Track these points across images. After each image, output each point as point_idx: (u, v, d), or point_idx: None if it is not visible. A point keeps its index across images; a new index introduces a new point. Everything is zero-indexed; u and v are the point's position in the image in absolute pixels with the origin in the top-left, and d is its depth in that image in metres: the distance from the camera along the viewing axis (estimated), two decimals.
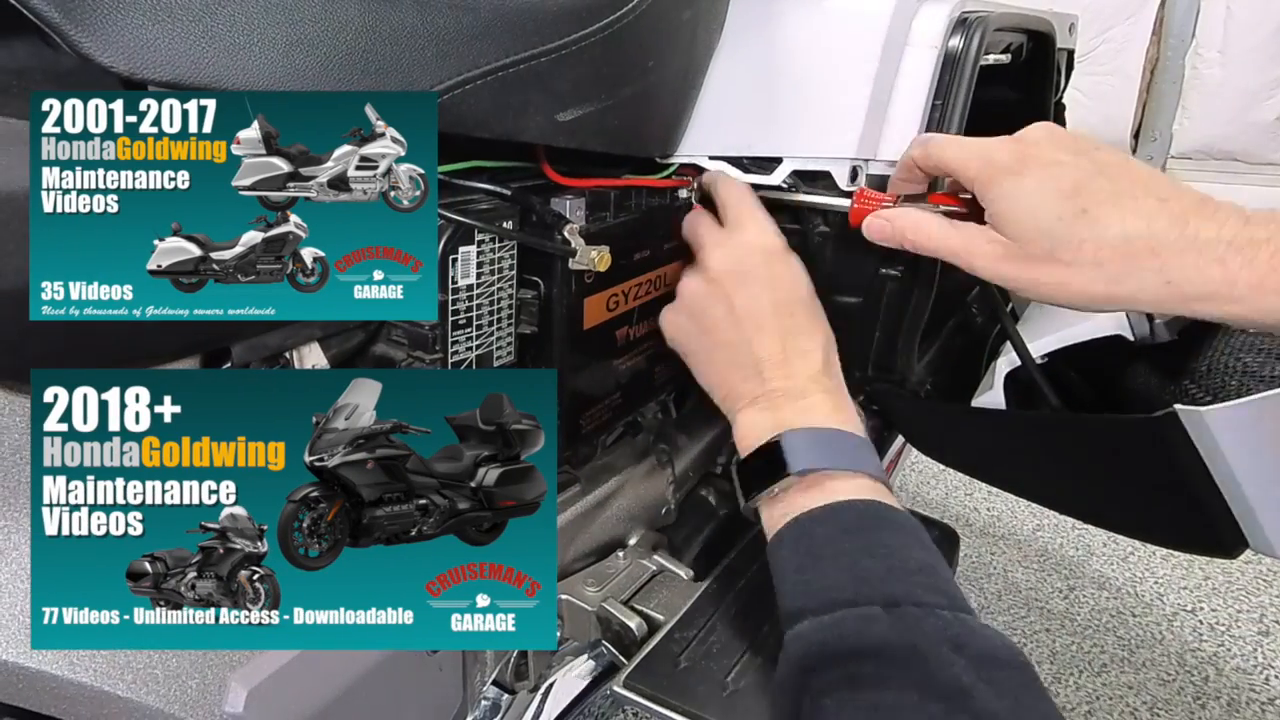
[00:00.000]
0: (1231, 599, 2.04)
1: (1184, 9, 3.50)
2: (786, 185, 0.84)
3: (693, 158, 0.87)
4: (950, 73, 0.81)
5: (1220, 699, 1.75)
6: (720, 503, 1.16)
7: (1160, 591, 2.08)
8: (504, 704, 0.80)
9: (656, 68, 0.72)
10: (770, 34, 0.84)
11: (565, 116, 0.65)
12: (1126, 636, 1.93)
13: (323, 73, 0.49)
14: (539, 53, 0.60)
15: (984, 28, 0.82)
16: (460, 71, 0.56)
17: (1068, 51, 1.24)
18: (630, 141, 0.76)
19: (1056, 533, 2.31)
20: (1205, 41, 3.47)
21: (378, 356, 0.65)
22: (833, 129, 0.80)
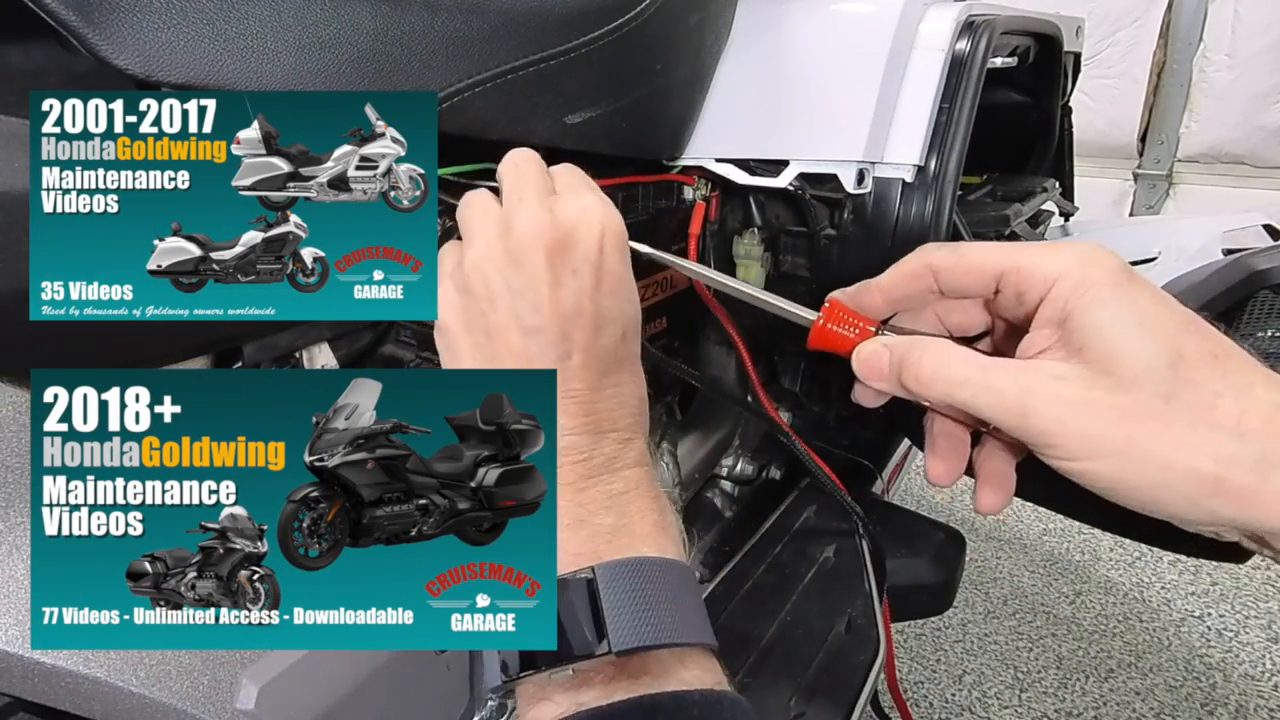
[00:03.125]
0: (1240, 605, 2.03)
1: (1191, 12, 3.49)
2: (794, 187, 0.84)
3: (700, 160, 0.87)
4: (957, 76, 0.81)
5: (1228, 705, 1.74)
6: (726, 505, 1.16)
7: (1168, 597, 2.07)
8: (510, 705, 0.80)
9: (664, 71, 0.72)
10: (777, 37, 0.84)
11: (574, 119, 0.65)
12: (1133, 642, 1.92)
13: (334, 75, 0.49)
14: (547, 56, 0.60)
15: (991, 31, 0.82)
16: (470, 74, 0.56)
17: (1074, 54, 1.24)
18: (638, 144, 0.76)
19: (1063, 537, 2.30)
20: (1213, 45, 3.46)
21: (386, 357, 0.66)
22: (840, 131, 0.81)
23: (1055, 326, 0.41)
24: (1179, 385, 0.38)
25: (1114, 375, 0.39)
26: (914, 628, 2.00)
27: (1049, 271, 0.41)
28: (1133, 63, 3.59)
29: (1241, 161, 3.51)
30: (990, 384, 0.41)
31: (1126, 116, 3.66)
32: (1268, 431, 0.37)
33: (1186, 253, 1.03)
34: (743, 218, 0.96)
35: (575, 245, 0.47)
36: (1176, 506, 0.39)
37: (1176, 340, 0.39)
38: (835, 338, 0.50)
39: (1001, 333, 0.49)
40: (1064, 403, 0.39)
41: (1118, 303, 0.40)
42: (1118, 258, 0.41)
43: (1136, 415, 0.38)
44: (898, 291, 0.49)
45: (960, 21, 0.82)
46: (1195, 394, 0.38)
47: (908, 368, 0.45)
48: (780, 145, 0.84)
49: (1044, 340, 0.42)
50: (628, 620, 0.42)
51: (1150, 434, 0.38)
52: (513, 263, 0.47)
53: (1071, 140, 1.32)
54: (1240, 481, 0.37)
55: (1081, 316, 0.40)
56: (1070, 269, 0.41)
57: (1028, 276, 0.42)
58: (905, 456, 1.36)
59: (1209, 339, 0.39)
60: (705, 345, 1.02)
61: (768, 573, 0.98)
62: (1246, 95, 3.39)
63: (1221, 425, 0.37)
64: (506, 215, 0.48)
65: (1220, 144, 3.52)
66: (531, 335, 0.47)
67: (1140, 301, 0.40)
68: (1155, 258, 1.07)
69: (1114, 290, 0.40)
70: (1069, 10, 1.23)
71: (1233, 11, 3.38)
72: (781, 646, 0.88)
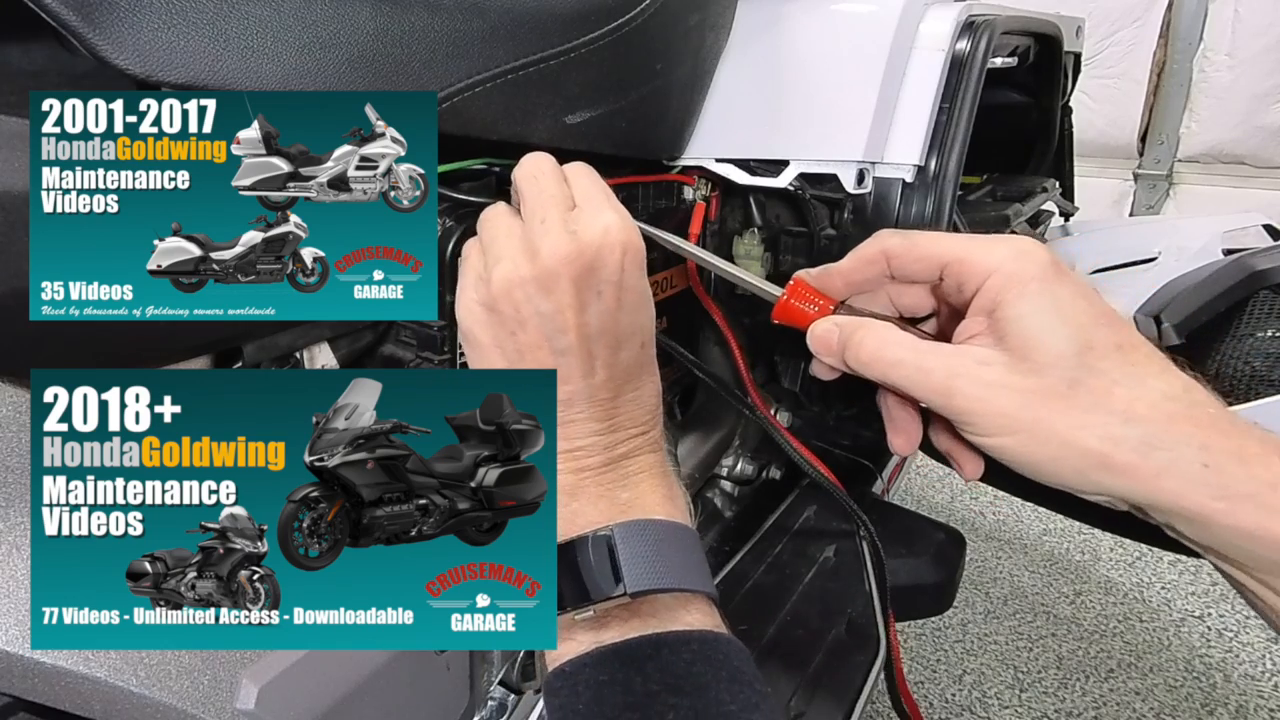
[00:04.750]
0: (1240, 605, 2.03)
1: (1192, 12, 3.49)
2: (794, 187, 0.84)
3: (700, 160, 0.87)
4: (957, 76, 0.81)
5: (1228, 705, 1.74)
6: (726, 505, 1.16)
7: (1168, 597, 2.07)
8: (510, 704, 0.80)
9: (664, 71, 0.72)
10: (777, 37, 0.84)
11: (574, 119, 0.65)
12: (1134, 642, 1.92)
13: (335, 75, 0.49)
14: (548, 56, 0.60)
15: (991, 31, 0.82)
16: (470, 74, 0.56)
17: (1074, 54, 1.24)
18: (638, 144, 0.76)
19: (1063, 537, 2.30)
20: (1213, 45, 3.46)
21: (386, 357, 0.66)
22: (840, 132, 0.81)
23: (986, 315, 0.46)
24: (1084, 372, 0.43)
25: (1029, 361, 0.44)
26: (914, 628, 2.00)
27: (986, 265, 0.46)
28: (1133, 63, 3.59)
29: (1242, 161, 3.51)
30: (921, 365, 0.46)
31: (1127, 116, 3.66)
32: (1153, 417, 0.42)
33: (1186, 253, 1.03)
34: (743, 218, 0.96)
35: (599, 269, 0.50)
36: (1068, 478, 0.44)
37: (1087, 332, 0.43)
38: (796, 312, 0.54)
39: (945, 316, 0.53)
40: (984, 384, 0.44)
41: (1039, 296, 0.44)
42: (1050, 254, 0.45)
43: (1043, 397, 0.43)
44: (856, 275, 0.53)
45: (960, 21, 0.82)
46: (1097, 380, 0.43)
47: (851, 347, 0.49)
48: (780, 145, 0.84)
49: (976, 327, 0.47)
50: (640, 568, 0.47)
51: (1053, 414, 0.43)
52: (541, 289, 0.49)
53: (1071, 140, 1.32)
54: (1124, 459, 0.42)
55: (1006, 308, 0.45)
56: (1004, 263, 0.45)
57: (969, 269, 0.47)
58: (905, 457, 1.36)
59: (1119, 332, 0.44)
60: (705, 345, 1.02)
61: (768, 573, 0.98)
62: (1247, 95, 3.39)
63: (1114, 409, 0.42)
64: (530, 238, 0.50)
65: (1220, 144, 3.51)
66: (561, 355, 0.50)
67: (1061, 295, 0.44)
68: (1155, 258, 1.07)
69: (1039, 284, 0.44)
70: (1069, 10, 1.23)
71: (1233, 11, 3.38)
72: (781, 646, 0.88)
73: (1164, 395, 0.43)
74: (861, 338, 0.49)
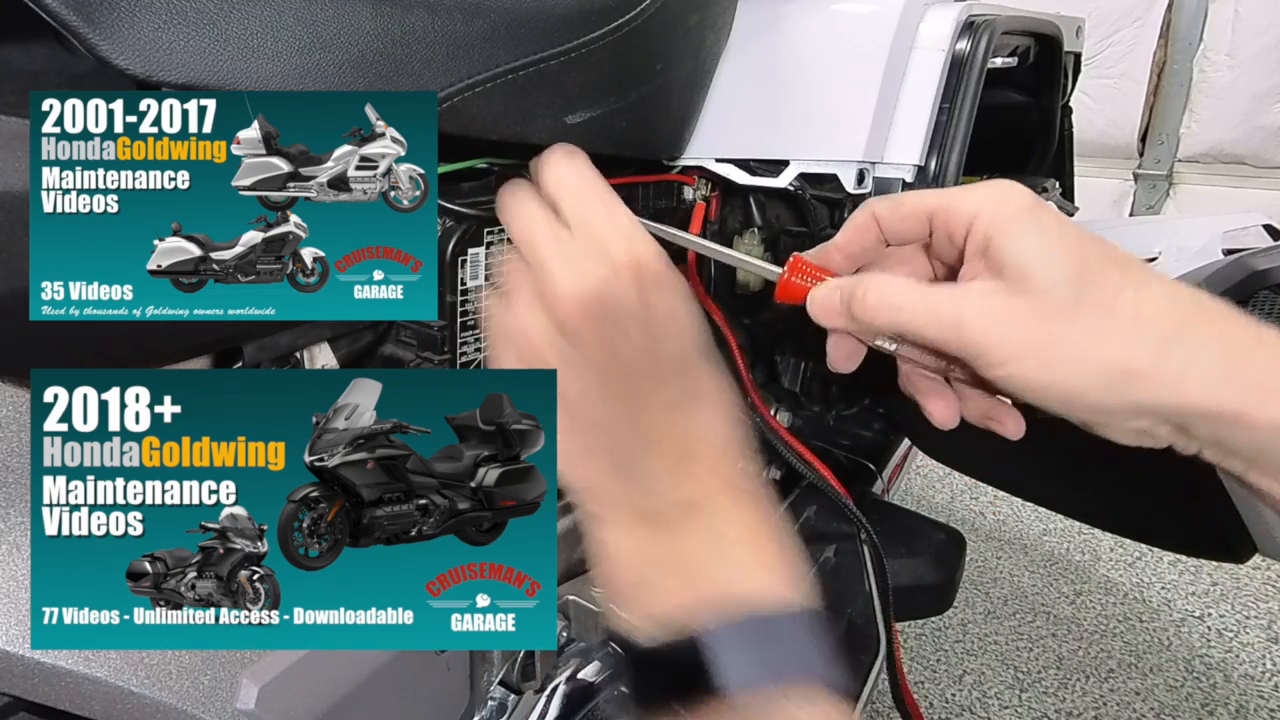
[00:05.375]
0: (1240, 605, 2.03)
1: (1192, 12, 3.49)
2: (794, 187, 0.84)
3: (700, 160, 0.87)
4: (957, 76, 0.81)
5: (1228, 705, 1.74)
6: None
7: (1168, 597, 2.07)
8: (510, 704, 0.80)
9: (665, 71, 0.72)
10: (777, 37, 0.84)
11: (574, 119, 0.65)
12: (1134, 642, 1.92)
13: (335, 75, 0.49)
14: (548, 55, 0.60)
15: (991, 31, 0.82)
16: (470, 74, 0.56)
17: (1075, 54, 1.24)
18: (638, 144, 0.76)
19: (1063, 537, 2.30)
20: (1213, 45, 3.46)
21: (386, 357, 0.66)
22: (840, 131, 0.81)
23: (980, 256, 0.47)
24: (1085, 285, 0.43)
25: (1029, 283, 0.44)
26: (914, 628, 2.00)
27: (969, 208, 0.47)
28: (1133, 63, 3.59)
29: (1242, 161, 3.51)
30: (928, 305, 0.46)
31: (1127, 116, 3.66)
32: (1164, 316, 0.43)
33: (1186, 253, 1.03)
34: (743, 218, 0.96)
35: (616, 308, 0.46)
36: (1096, 396, 0.44)
37: (1081, 251, 0.44)
38: (797, 289, 0.53)
39: (943, 278, 0.53)
40: (991, 312, 0.44)
41: (1027, 226, 0.45)
42: (1028, 191, 0.46)
43: (1052, 315, 0.43)
44: (852, 246, 0.53)
45: (960, 22, 0.82)
46: (1100, 292, 0.43)
47: (855, 301, 0.49)
48: (780, 145, 0.84)
49: (973, 271, 0.47)
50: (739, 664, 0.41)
51: (1065, 329, 0.43)
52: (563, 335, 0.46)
53: (1072, 140, 1.32)
54: (1144, 363, 0.42)
55: (998, 242, 0.45)
56: (986, 203, 0.46)
57: (954, 214, 0.48)
58: (905, 456, 1.36)
59: (1110, 250, 0.45)
60: None
61: None
62: (1247, 95, 3.40)
63: (1123, 314, 0.43)
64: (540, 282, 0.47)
65: (1220, 144, 3.52)
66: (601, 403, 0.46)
67: (1047, 223, 0.45)
68: (1155, 258, 1.07)
69: (1025, 215, 0.45)
70: (1069, 10, 1.23)
71: (1233, 11, 3.38)
72: None
73: (1169, 298, 0.43)
74: (864, 290, 0.48)
